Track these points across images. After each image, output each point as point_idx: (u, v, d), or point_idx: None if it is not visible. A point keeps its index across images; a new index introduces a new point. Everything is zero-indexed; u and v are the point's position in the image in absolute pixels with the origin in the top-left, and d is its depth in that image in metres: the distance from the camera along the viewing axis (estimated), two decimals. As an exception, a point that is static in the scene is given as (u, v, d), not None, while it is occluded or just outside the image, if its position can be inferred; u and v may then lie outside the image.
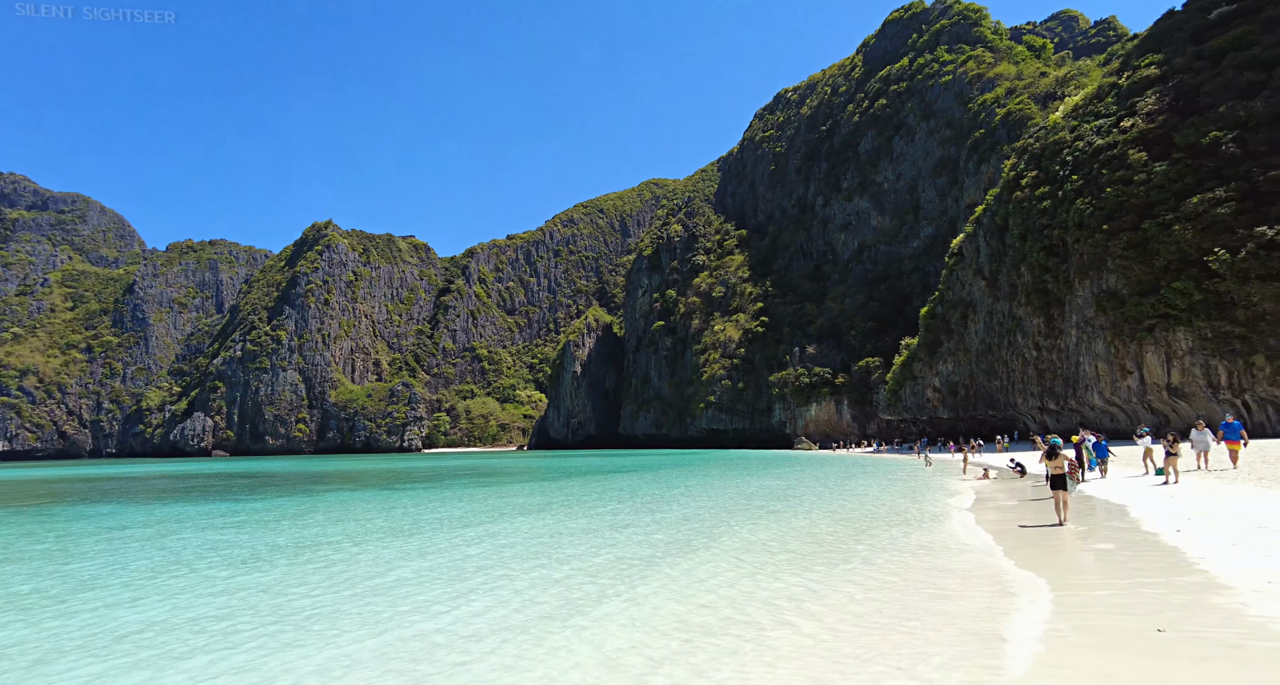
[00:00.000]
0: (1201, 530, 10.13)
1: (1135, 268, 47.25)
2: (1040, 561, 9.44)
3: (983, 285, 73.71)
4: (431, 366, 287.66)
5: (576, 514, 18.31)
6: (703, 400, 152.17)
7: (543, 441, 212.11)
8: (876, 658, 5.65)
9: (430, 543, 13.08)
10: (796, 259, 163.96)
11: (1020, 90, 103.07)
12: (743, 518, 16.59)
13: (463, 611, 7.74)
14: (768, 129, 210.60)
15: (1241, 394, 42.79)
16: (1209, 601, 6.33)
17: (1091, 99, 61.35)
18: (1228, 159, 44.93)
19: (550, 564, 10.52)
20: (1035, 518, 14.60)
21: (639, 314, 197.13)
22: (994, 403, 74.36)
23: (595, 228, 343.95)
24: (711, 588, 8.59)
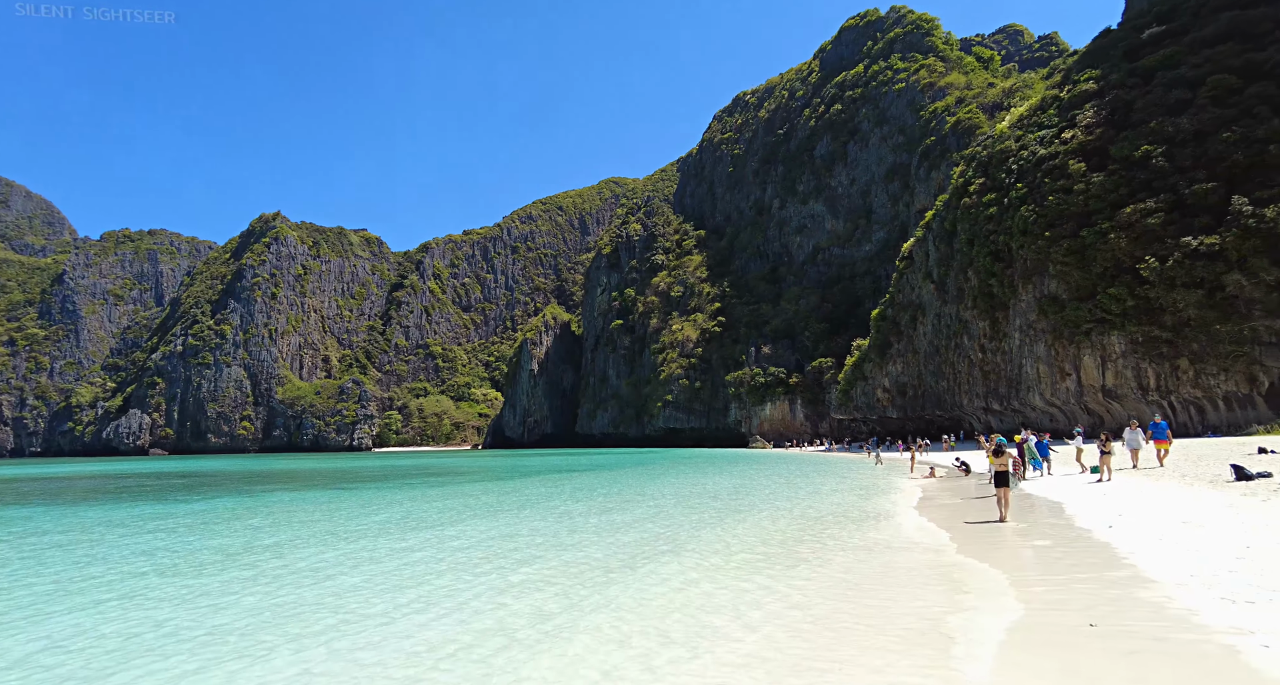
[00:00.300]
0: (1131, 526, 10.53)
1: (1074, 274, 49.21)
2: (984, 558, 9.65)
3: (932, 289, 75.83)
4: (383, 364, 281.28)
5: (530, 516, 18.04)
6: (660, 399, 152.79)
7: (498, 441, 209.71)
8: (829, 654, 5.64)
9: (372, 548, 12.66)
10: (753, 260, 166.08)
11: (969, 99, 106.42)
12: (699, 518, 16.59)
13: (404, 625, 7.25)
14: (726, 131, 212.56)
15: (1168, 395, 45.00)
16: (1137, 595, 6.53)
17: (1035, 110, 63.70)
18: (1158, 172, 47.19)
19: (503, 569, 10.27)
20: (978, 515, 14.99)
21: (598, 313, 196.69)
22: (941, 403, 76.61)
23: (554, 225, 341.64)
24: (667, 592, 8.49)
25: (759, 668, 5.49)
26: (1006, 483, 13.32)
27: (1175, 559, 7.97)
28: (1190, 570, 7.32)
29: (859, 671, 5.22)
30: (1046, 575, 7.88)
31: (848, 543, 11.94)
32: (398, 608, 7.90)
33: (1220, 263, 41.46)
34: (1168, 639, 5.19)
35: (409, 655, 6.21)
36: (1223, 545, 8.50)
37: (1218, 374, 42.18)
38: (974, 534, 12.10)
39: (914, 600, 7.35)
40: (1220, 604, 5.96)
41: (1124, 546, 9.00)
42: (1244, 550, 8.09)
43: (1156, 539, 9.07)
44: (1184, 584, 6.79)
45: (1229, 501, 12.04)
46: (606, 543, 12.53)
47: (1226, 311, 41.51)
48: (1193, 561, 7.72)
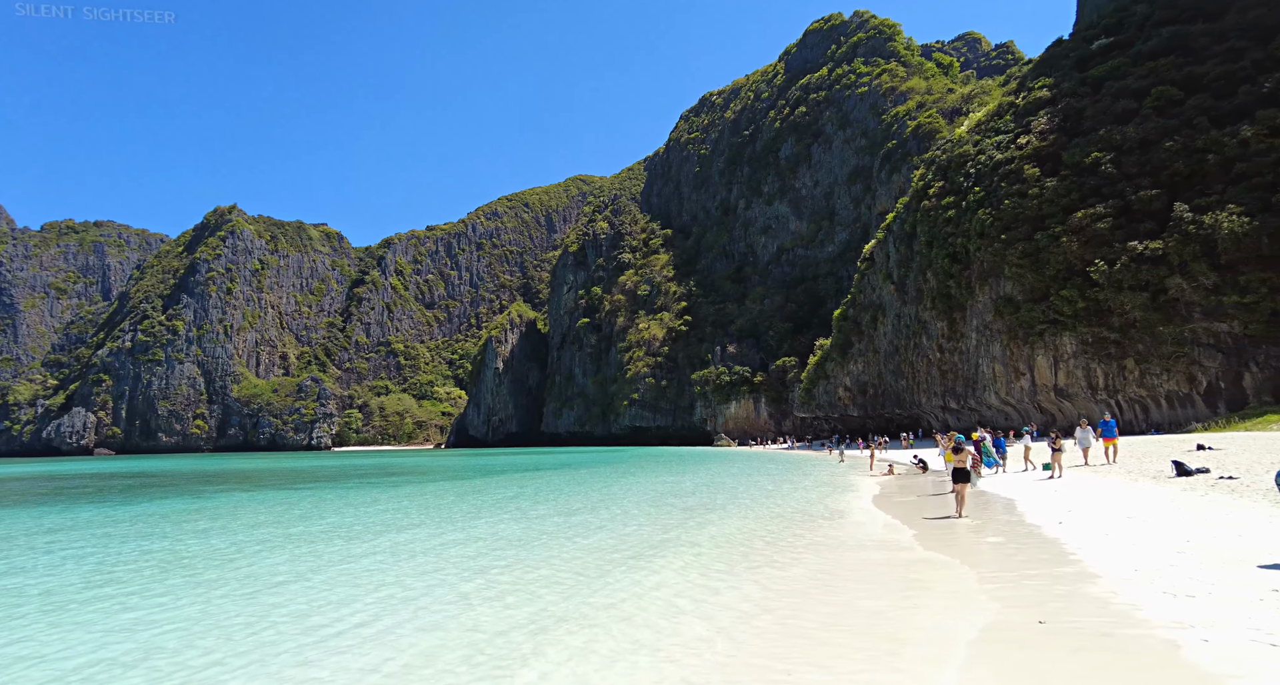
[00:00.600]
0: (1080, 522, 10.77)
1: (1029, 276, 50.61)
2: (945, 554, 9.75)
3: (892, 289, 77.26)
4: (343, 361, 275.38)
5: (490, 518, 17.73)
6: (626, 398, 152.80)
7: (462, 440, 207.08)
8: (802, 657, 5.57)
9: (318, 555, 12.23)
10: (719, 260, 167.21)
11: (930, 104, 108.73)
12: (666, 520, 16.50)
13: (345, 641, 6.80)
14: (693, 131, 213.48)
15: (1115, 395, 46.60)
16: (1084, 591, 6.62)
17: (992, 116, 65.36)
18: (1107, 178, 48.82)
19: (455, 578, 10.00)
20: (935, 511, 15.23)
21: (564, 311, 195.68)
22: (900, 401, 78.14)
23: (520, 222, 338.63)
24: (629, 598, 8.35)
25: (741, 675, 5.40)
26: (965, 479, 13.57)
27: (1120, 554, 8.15)
28: (1134, 565, 7.47)
29: (825, 659, 5.17)
30: (999, 572, 7.98)
31: (814, 541, 11.98)
32: (340, 620, 7.53)
33: (1163, 267, 43.07)
34: (1113, 635, 5.25)
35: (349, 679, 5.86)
36: (1165, 539, 8.73)
37: (1160, 374, 43.83)
38: (933, 531, 12.26)
39: (876, 600, 7.36)
40: (1162, 598, 6.08)
41: (1072, 542, 9.18)
42: (1184, 544, 8.31)
43: (1103, 534, 9.29)
44: (1128, 579, 6.92)
45: (1170, 496, 12.44)
46: (569, 546, 12.35)
47: (1169, 314, 43.15)
48: (1137, 556, 7.90)
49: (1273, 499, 11.08)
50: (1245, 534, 8.73)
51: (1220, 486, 13.30)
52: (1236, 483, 13.53)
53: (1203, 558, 7.50)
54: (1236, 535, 8.69)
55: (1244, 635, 4.93)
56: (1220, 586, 6.29)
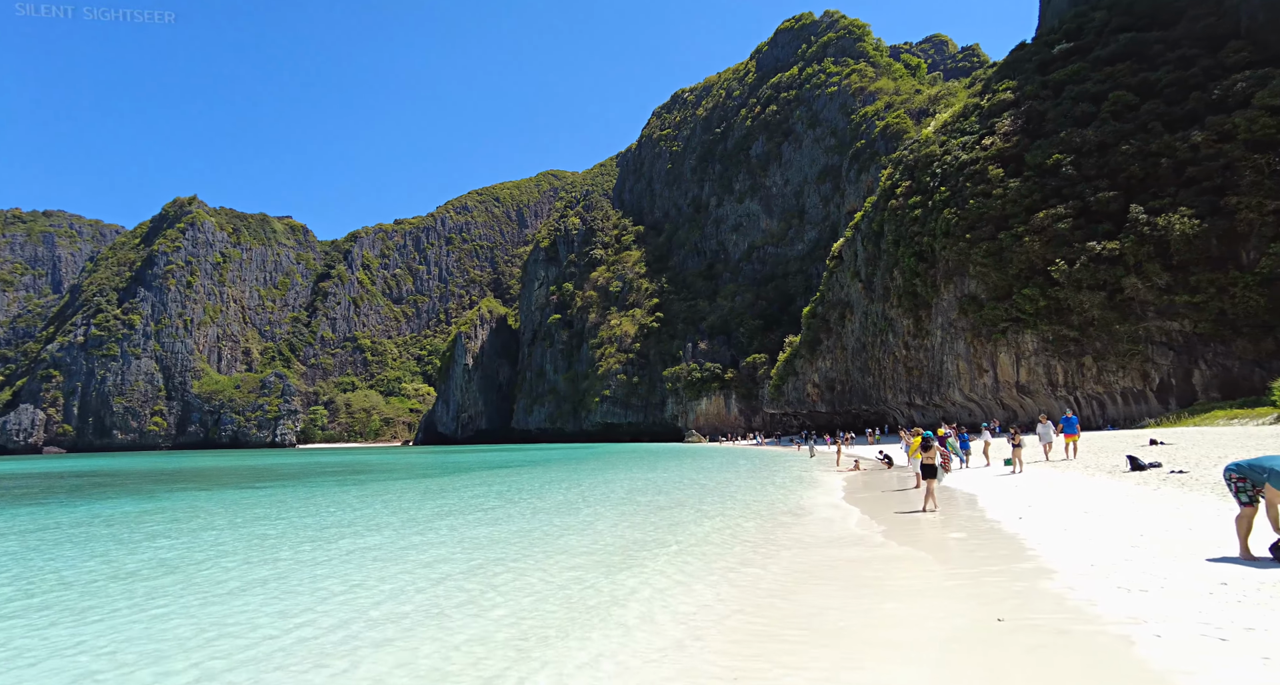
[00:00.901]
0: (1039, 517, 10.93)
1: (992, 274, 51.65)
2: (906, 551, 9.79)
3: (859, 287, 78.26)
4: (308, 357, 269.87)
5: (455, 520, 17.41)
6: (598, 394, 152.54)
7: (430, 437, 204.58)
8: (787, 658, 5.49)
9: (274, 560, 11.83)
10: (691, 257, 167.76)
11: (898, 105, 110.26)
12: (635, 519, 16.37)
13: (296, 657, 6.39)
14: (665, 128, 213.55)
15: (1074, 391, 47.84)
16: (1041, 587, 6.66)
17: (958, 117, 66.50)
18: (1067, 179, 50.02)
19: (414, 589, 9.73)
20: (900, 506, 15.38)
21: (535, 306, 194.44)
22: (867, 398, 79.27)
23: (490, 216, 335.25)
24: (603, 603, 8.19)
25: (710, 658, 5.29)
26: (933, 475, 13.81)
27: (1077, 549, 8.25)
28: (1091, 560, 7.56)
29: (788, 661, 5.10)
30: (960, 568, 8.01)
31: (785, 539, 11.97)
32: (287, 632, 7.15)
33: (1120, 267, 44.29)
34: (1069, 632, 5.26)
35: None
36: (1120, 534, 8.88)
37: (1116, 371, 45.10)
38: (899, 526, 12.34)
39: (844, 599, 7.33)
40: (1117, 593, 6.13)
41: (1032, 538, 9.29)
42: (1138, 538, 8.45)
43: (1061, 530, 9.43)
44: (1085, 574, 6.99)
45: (1125, 491, 12.73)
46: (533, 550, 12.15)
47: (1125, 312, 44.41)
48: (1093, 551, 8.00)
49: (1220, 492, 11.39)
50: (1195, 527, 8.91)
51: (1171, 480, 13.66)
52: (1186, 476, 13.91)
53: (1156, 552, 7.62)
54: (1187, 528, 8.88)
55: (1195, 630, 4.97)
56: (1172, 580, 6.38)
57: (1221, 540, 7.85)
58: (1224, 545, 7.59)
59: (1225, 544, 7.61)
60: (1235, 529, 7.20)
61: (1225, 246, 42.45)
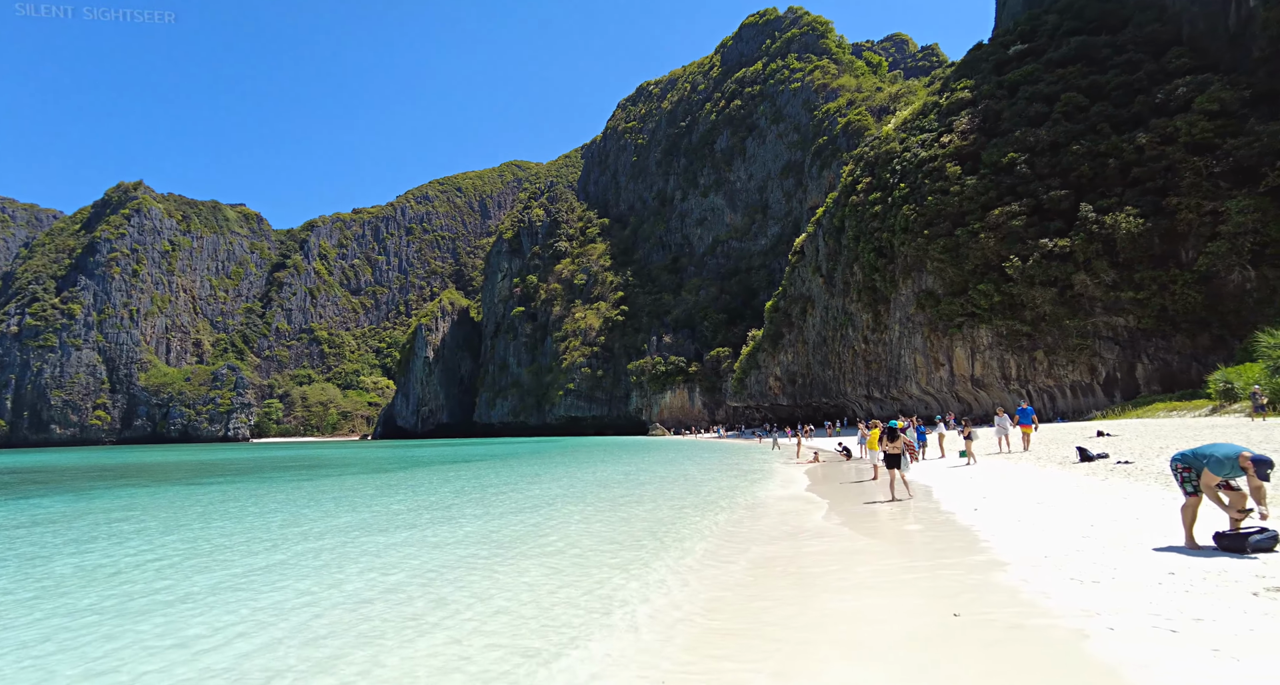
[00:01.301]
0: (993, 509, 11.05)
1: (949, 270, 52.74)
2: (862, 544, 9.77)
3: (821, 282, 79.22)
4: (263, 349, 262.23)
5: (408, 519, 16.94)
6: (562, 388, 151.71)
7: (390, 431, 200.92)
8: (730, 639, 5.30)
9: (208, 566, 11.25)
10: (656, 250, 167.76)
11: (859, 102, 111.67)
12: (595, 512, 16.14)
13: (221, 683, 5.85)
14: (630, 120, 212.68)
15: (1026, 384, 49.21)
16: (997, 580, 6.65)
17: (918, 115, 67.61)
18: (1021, 178, 51.29)
19: (356, 598, 9.33)
20: (859, 498, 15.48)
21: (498, 298, 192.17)
22: (827, 391, 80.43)
23: (452, 206, 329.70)
24: (560, 601, 7.93)
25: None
26: (897, 465, 13.96)
27: (1031, 540, 8.31)
28: (1044, 551, 7.60)
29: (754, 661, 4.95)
30: (916, 561, 7.99)
31: (749, 533, 11.87)
32: (208, 653, 6.66)
33: (1070, 264, 45.65)
34: (1023, 626, 5.22)
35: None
36: (1071, 524, 8.99)
37: (1066, 365, 46.54)
38: (858, 519, 12.37)
39: (801, 594, 7.22)
40: (1070, 585, 6.14)
41: (986, 530, 9.35)
42: (1089, 529, 8.56)
43: (1015, 521, 9.53)
44: (1038, 565, 7.01)
45: (1076, 482, 13.01)
46: (485, 545, 11.82)
47: (1074, 308, 45.82)
48: (1046, 542, 8.06)
49: (1163, 482, 11.71)
50: (1141, 517, 9.08)
51: (1118, 471, 14.03)
52: (1132, 467, 14.31)
53: (1106, 542, 7.70)
54: (1134, 518, 9.03)
55: (1146, 622, 4.97)
56: (1122, 571, 6.42)
57: (1167, 529, 7.98)
58: (1170, 534, 7.72)
59: (1171, 533, 7.74)
60: (1181, 518, 7.32)
61: (1166, 245, 44.09)
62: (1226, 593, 5.45)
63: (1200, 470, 6.94)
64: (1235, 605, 5.12)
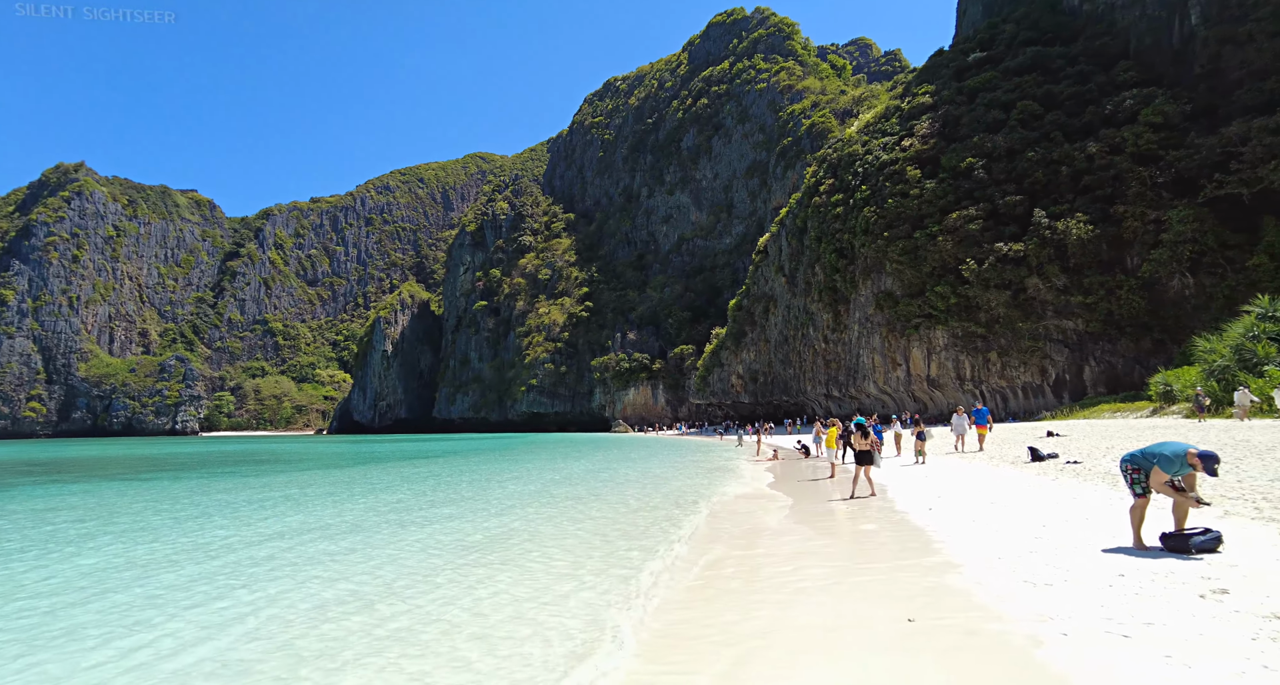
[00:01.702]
0: (948, 509, 11.10)
1: (907, 272, 53.69)
2: (822, 542, 9.69)
3: (783, 281, 79.96)
4: (214, 340, 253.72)
5: (352, 515, 16.39)
6: (524, 383, 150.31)
7: (346, 425, 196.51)
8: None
9: (123, 568, 10.62)
10: (621, 247, 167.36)
11: (824, 104, 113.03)
12: (553, 511, 15.83)
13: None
14: (597, 115, 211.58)
15: (980, 385, 50.41)
16: (951, 583, 6.58)
17: (880, 118, 68.65)
18: (979, 183, 52.48)
19: (289, 612, 8.86)
20: (815, 496, 15.49)
21: (460, 292, 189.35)
22: (788, 389, 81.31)
23: (414, 197, 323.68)
24: (510, 601, 7.60)
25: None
26: (870, 461, 14.03)
27: (984, 541, 8.31)
28: (998, 552, 7.59)
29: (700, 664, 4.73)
30: (871, 563, 7.92)
31: (709, 531, 11.71)
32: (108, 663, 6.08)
33: (1024, 268, 46.89)
34: (979, 632, 5.13)
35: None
36: (1024, 525, 9.05)
37: (1019, 366, 47.81)
38: (815, 517, 12.32)
39: (754, 597, 7.06)
40: (1024, 588, 6.09)
41: (941, 530, 9.36)
42: (1041, 529, 8.62)
43: (970, 521, 9.56)
44: (992, 567, 6.98)
45: (1028, 481, 13.23)
46: (440, 549, 11.43)
47: (1027, 311, 47.09)
48: (999, 543, 8.06)
49: (1110, 481, 11.96)
50: (1091, 517, 9.19)
51: (1068, 470, 14.33)
52: (1081, 467, 14.64)
53: (1057, 543, 7.73)
54: (1084, 518, 9.14)
55: (1099, 626, 4.92)
56: (1074, 573, 6.42)
57: (1116, 530, 8.06)
58: (1118, 535, 7.79)
59: (1120, 534, 7.82)
60: (1130, 519, 7.38)
61: (1114, 252, 45.63)
62: (1175, 595, 5.46)
63: (1150, 469, 7.01)
64: (1184, 608, 5.12)
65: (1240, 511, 8.45)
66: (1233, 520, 8.04)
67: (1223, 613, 4.94)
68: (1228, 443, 15.72)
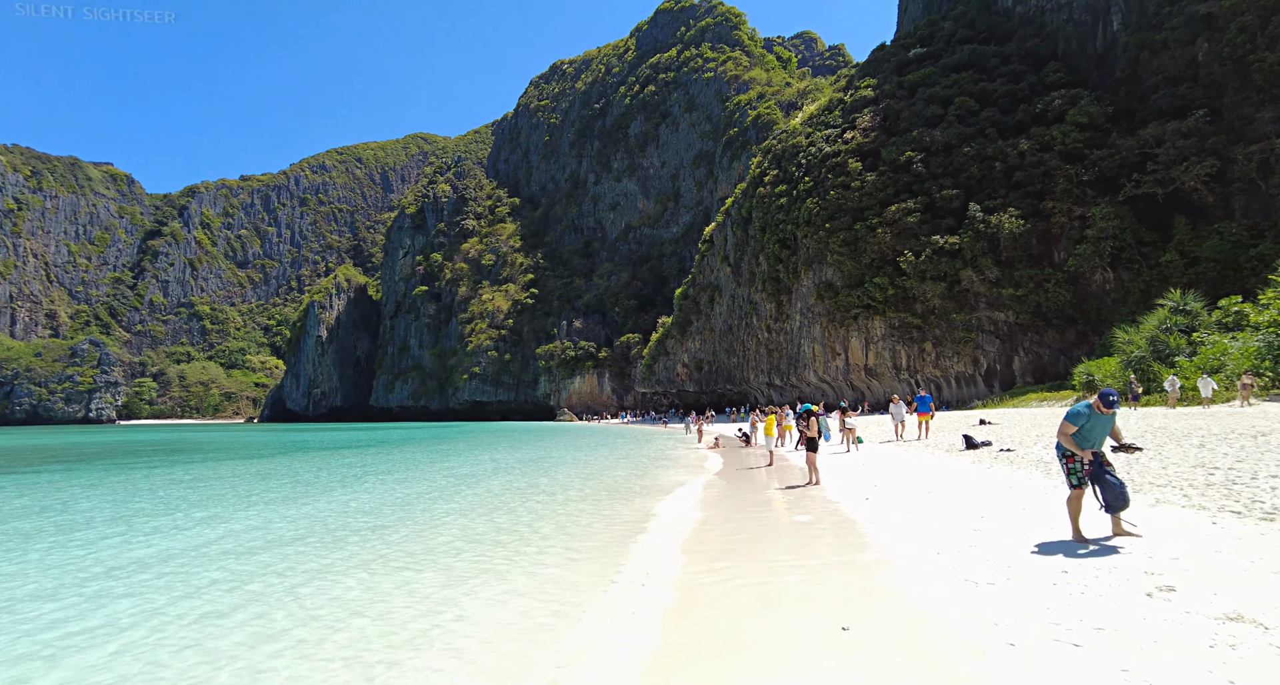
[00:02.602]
0: (884, 499, 10.79)
1: (848, 263, 54.42)
2: (753, 537, 9.19)
3: (728, 271, 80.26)
4: (134, 323, 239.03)
5: (261, 509, 15.16)
6: (467, 371, 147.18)
7: (279, 414, 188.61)
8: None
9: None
10: (568, 233, 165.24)
11: (769, 96, 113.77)
12: (493, 504, 14.96)
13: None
14: (543, 98, 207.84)
15: (915, 375, 51.62)
16: (888, 584, 6.14)
17: (824, 110, 69.29)
18: (917, 176, 53.48)
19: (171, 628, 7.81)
20: (751, 487, 15.11)
21: (399, 277, 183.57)
22: (732, 378, 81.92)
23: (352, 178, 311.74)
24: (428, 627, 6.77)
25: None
26: (815, 448, 13.74)
27: (923, 534, 7.95)
28: (936, 547, 7.21)
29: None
30: (804, 559, 7.43)
31: (641, 529, 11.09)
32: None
33: (959, 260, 48.08)
34: (918, 640, 4.65)
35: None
36: (962, 516, 8.76)
37: (952, 356, 49.13)
38: (747, 508, 11.87)
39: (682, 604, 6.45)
40: (965, 588, 5.68)
41: (878, 523, 8.97)
42: (979, 521, 8.32)
43: (906, 512, 9.21)
44: (932, 564, 6.58)
45: (963, 470, 13.12)
46: (357, 541, 10.46)
47: (961, 302, 48.37)
48: (938, 537, 7.71)
49: (1043, 470, 11.92)
50: (1028, 507, 8.98)
51: (1001, 458, 14.35)
52: (1013, 455, 14.71)
53: (997, 537, 7.41)
54: (1021, 508, 8.92)
55: (1047, 633, 4.50)
56: (1016, 570, 6.05)
57: (1054, 522, 7.82)
58: (1057, 527, 7.53)
59: (1058, 526, 7.56)
60: (1067, 511, 7.12)
61: (1042, 246, 47.27)
62: (1121, 594, 5.11)
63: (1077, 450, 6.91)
64: (1133, 610, 4.75)
65: (1170, 499, 8.36)
66: (1165, 509, 7.91)
67: (1174, 614, 4.59)
68: (1147, 430, 16.13)
